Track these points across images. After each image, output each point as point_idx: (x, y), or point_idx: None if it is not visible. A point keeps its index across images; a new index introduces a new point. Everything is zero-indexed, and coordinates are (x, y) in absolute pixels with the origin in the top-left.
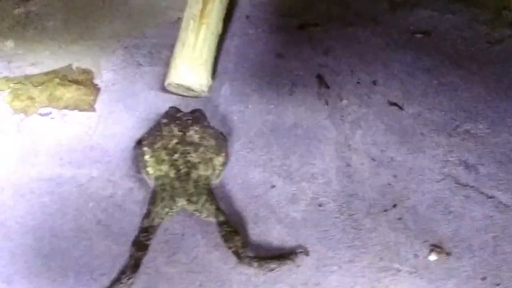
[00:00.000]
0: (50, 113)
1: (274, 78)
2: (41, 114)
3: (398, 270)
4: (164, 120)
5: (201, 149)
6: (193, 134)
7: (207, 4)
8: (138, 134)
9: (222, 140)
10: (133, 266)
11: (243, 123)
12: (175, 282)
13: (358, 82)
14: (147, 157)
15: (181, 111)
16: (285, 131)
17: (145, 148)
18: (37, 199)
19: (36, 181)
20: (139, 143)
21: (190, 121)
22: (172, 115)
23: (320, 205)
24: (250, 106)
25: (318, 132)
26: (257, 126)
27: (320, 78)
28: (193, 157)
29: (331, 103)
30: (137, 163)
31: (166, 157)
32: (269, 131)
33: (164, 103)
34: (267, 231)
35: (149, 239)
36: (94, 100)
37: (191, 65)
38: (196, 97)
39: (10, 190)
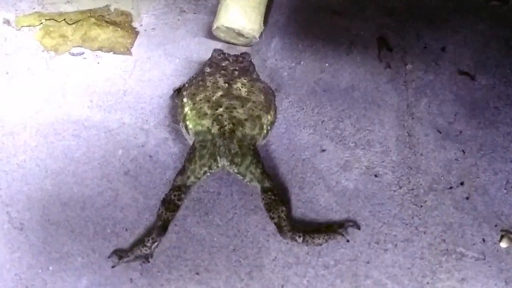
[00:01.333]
0: (83, 53)
1: (330, 36)
2: (73, 54)
3: (463, 255)
4: (208, 69)
5: (249, 104)
6: (240, 87)
7: None
8: (177, 82)
9: (271, 96)
10: (160, 227)
11: (294, 80)
12: (205, 245)
13: (424, 47)
14: (187, 109)
15: (227, 56)
16: (340, 92)
17: (186, 100)
18: (61, 142)
19: (61, 122)
20: (179, 92)
21: (237, 72)
22: (217, 63)
23: (376, 175)
24: (302, 62)
25: (377, 96)
26: (309, 85)
27: (382, 40)
28: (239, 113)
29: (393, 66)
30: (175, 113)
31: (208, 111)
32: (322, 91)
33: (207, 52)
34: (314, 198)
35: (180, 199)
36: (131, 44)
37: (243, 7)
38: (245, 45)
39: (33, 130)
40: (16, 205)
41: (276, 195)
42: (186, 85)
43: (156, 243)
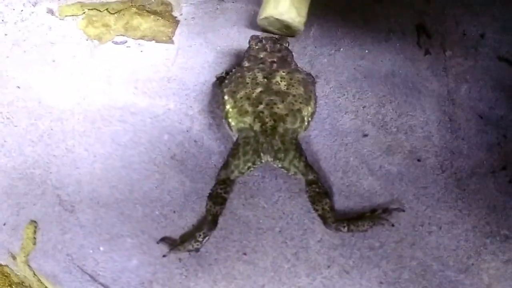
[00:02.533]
0: (126, 41)
1: (369, 23)
2: (116, 42)
3: (507, 237)
4: (246, 63)
5: (289, 98)
6: (280, 80)
7: None
8: (219, 69)
9: (311, 86)
10: (210, 222)
11: (334, 66)
12: (252, 227)
13: (463, 34)
14: (228, 107)
15: (265, 43)
16: (380, 78)
17: (226, 97)
18: (108, 127)
19: (108, 108)
20: (220, 81)
21: (275, 64)
22: (255, 55)
23: (419, 160)
24: (342, 49)
25: (418, 82)
26: (349, 71)
27: (421, 27)
28: (280, 109)
29: (433, 53)
30: (218, 99)
31: (249, 108)
32: (363, 77)
33: (246, 40)
34: (358, 182)
35: (227, 192)
36: (173, 33)
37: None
38: (288, 36)
39: (80, 116)
40: (66, 188)
41: (320, 187)
42: (227, 81)
43: (207, 237)
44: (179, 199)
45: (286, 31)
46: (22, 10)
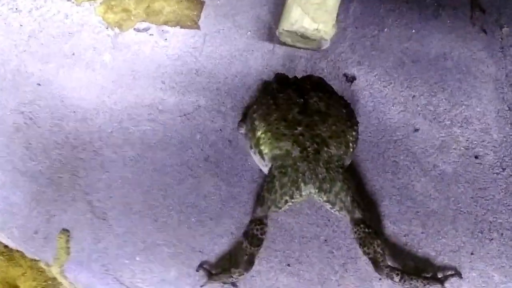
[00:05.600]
0: (149, 28)
1: None
2: (138, 30)
3: None
4: (276, 85)
5: (331, 119)
6: (317, 100)
7: None
8: (251, 59)
9: (350, 108)
10: (246, 262)
11: (378, 50)
12: (295, 235)
13: None
14: (260, 132)
15: (292, 77)
16: (430, 63)
17: (257, 122)
18: (137, 127)
19: (135, 106)
20: (243, 120)
21: (309, 86)
22: (285, 78)
23: (476, 157)
24: (386, 29)
25: (473, 65)
26: (395, 55)
27: (473, 0)
28: (322, 130)
29: (488, 31)
30: (246, 141)
31: (286, 131)
32: (411, 62)
33: (279, 20)
34: (410, 184)
35: (264, 233)
36: (198, 16)
37: (305, 5)
38: (316, 49)
39: (106, 115)
40: (97, 194)
41: (369, 227)
42: (255, 106)
43: (243, 275)
44: (215, 204)
45: (311, 43)
46: None
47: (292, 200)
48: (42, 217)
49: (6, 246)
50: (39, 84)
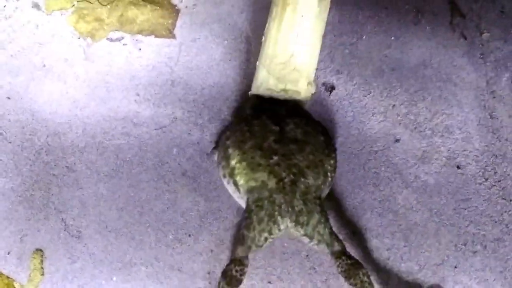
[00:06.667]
0: (122, 38)
1: (394, 3)
2: (111, 40)
3: None
4: (250, 111)
5: (308, 148)
6: (294, 127)
7: None
8: (228, 68)
9: (328, 135)
10: None
11: (357, 58)
12: (276, 251)
13: (501, 11)
14: (234, 161)
15: (268, 101)
16: (410, 71)
17: (231, 150)
18: (111, 141)
19: (109, 120)
20: (212, 153)
21: (284, 112)
22: (260, 103)
23: (458, 167)
24: (364, 37)
25: (453, 73)
26: (374, 63)
27: (453, 5)
28: (299, 160)
29: (468, 36)
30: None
31: (262, 161)
32: (390, 70)
33: (257, 30)
34: (392, 196)
35: (243, 273)
36: (173, 25)
37: (268, 66)
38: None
39: (79, 129)
40: (71, 212)
41: (351, 258)
42: (227, 133)
43: None
44: (194, 221)
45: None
46: (5, 6)
47: (272, 236)
48: (15, 236)
49: None
50: (8, 98)
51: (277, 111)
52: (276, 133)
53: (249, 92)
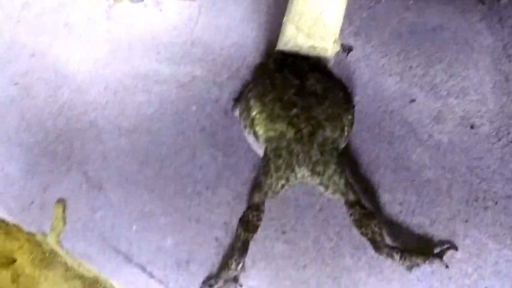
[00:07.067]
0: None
1: None
2: (132, 1)
3: None
4: (273, 66)
5: (327, 102)
6: (315, 82)
7: None
8: (247, 30)
9: (348, 92)
10: (241, 248)
11: (375, 21)
12: (290, 204)
13: None
14: (255, 113)
15: (292, 57)
16: (427, 34)
17: (253, 101)
18: (132, 98)
19: (130, 77)
20: (237, 100)
21: (306, 67)
22: (283, 59)
23: (472, 127)
24: (383, 0)
25: (470, 37)
26: (392, 26)
27: None
28: (318, 113)
29: (486, 2)
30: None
31: (282, 112)
32: (408, 33)
33: None
34: (405, 154)
35: (260, 219)
36: None
37: (300, 22)
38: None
39: (101, 86)
40: (92, 165)
41: (365, 208)
42: (250, 86)
43: (240, 264)
44: (211, 175)
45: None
46: None
47: (289, 183)
48: (38, 187)
49: (3, 221)
50: (33, 55)
51: (299, 66)
52: (297, 87)
53: (276, 49)
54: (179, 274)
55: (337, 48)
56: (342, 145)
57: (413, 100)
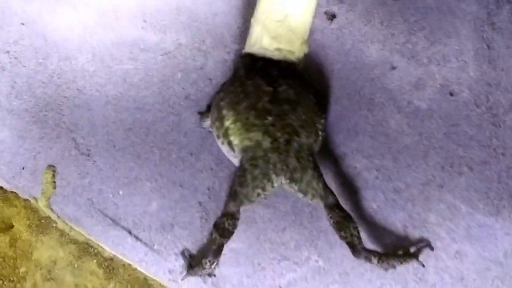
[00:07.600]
0: None
1: None
2: None
3: None
4: (243, 72)
5: (300, 108)
6: (287, 88)
7: None
8: None
9: (319, 97)
10: (216, 251)
11: None
12: None
13: None
14: (228, 122)
15: (260, 60)
16: (411, 1)
17: (225, 111)
18: (119, 66)
19: (117, 45)
20: (203, 115)
21: (276, 72)
22: (252, 65)
23: (451, 94)
24: None
25: (454, 4)
26: None
27: None
28: (293, 120)
29: None
30: (212, 129)
31: (257, 121)
32: (391, 0)
33: None
34: (384, 120)
35: (235, 226)
36: None
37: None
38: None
39: (89, 54)
40: (81, 131)
41: (343, 211)
42: (221, 94)
43: (215, 263)
44: (195, 141)
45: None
46: None
47: (265, 192)
48: (29, 153)
49: (1, 187)
50: (22, 24)
51: (270, 72)
52: (270, 94)
53: (243, 51)
54: (163, 237)
55: (306, 49)
56: (317, 149)
57: (394, 68)
